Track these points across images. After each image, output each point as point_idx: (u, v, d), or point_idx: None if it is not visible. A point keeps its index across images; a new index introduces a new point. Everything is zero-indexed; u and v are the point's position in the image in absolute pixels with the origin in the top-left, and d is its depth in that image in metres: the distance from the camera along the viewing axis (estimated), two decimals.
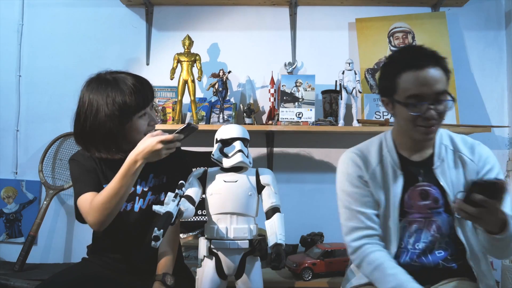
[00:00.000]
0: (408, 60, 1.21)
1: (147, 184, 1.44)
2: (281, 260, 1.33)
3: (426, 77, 1.18)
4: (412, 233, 1.29)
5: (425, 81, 1.17)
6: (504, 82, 2.31)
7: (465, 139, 1.34)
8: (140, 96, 1.32)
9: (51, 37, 2.38)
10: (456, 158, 1.29)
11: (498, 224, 1.09)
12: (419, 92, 1.18)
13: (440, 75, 1.19)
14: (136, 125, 1.34)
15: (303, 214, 2.23)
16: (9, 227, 2.29)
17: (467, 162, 1.28)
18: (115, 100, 1.29)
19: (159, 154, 1.27)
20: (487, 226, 1.12)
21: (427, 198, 1.28)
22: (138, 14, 2.39)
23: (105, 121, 1.29)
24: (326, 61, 2.31)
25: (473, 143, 1.32)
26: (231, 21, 2.37)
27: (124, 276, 1.40)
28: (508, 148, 2.28)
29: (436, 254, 1.27)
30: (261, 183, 1.44)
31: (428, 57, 1.20)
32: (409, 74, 1.19)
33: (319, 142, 2.30)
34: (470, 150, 1.30)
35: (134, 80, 1.34)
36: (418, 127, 1.22)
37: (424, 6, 2.34)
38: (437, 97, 1.19)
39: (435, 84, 1.18)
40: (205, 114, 2.19)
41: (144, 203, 1.42)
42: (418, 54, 1.23)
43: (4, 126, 2.35)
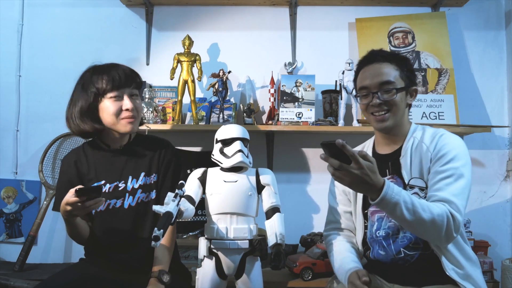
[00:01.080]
0: (362, 61, 1.42)
1: (138, 182, 1.45)
2: (281, 260, 1.34)
3: (369, 71, 1.36)
4: (374, 222, 1.37)
5: (369, 74, 1.36)
6: (504, 82, 2.31)
7: (436, 131, 1.36)
8: (110, 79, 1.41)
9: (51, 37, 2.38)
10: (418, 147, 1.34)
11: (374, 191, 1.11)
12: (364, 83, 1.37)
13: (385, 68, 1.34)
14: (104, 106, 1.41)
15: (303, 214, 2.23)
16: (9, 227, 2.29)
17: (423, 150, 1.32)
18: (90, 80, 1.44)
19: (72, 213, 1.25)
20: (362, 190, 1.20)
21: None
22: (138, 14, 2.39)
23: (79, 97, 1.45)
24: (326, 61, 2.31)
25: (438, 133, 1.35)
26: (231, 21, 2.37)
27: (120, 275, 1.40)
28: (508, 148, 2.28)
29: (399, 242, 1.32)
30: (261, 183, 1.45)
31: (375, 55, 1.38)
32: (361, 72, 1.40)
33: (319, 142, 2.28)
34: (431, 139, 1.33)
35: (113, 67, 1.47)
36: (371, 116, 1.37)
37: (424, 6, 2.34)
38: (381, 87, 1.33)
39: (378, 76, 1.34)
40: (205, 114, 2.19)
41: (133, 201, 1.43)
42: (369, 55, 1.41)
43: (4, 126, 2.35)
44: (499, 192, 2.26)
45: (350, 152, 1.06)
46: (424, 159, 1.31)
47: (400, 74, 1.35)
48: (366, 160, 1.09)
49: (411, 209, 1.13)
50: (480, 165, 2.26)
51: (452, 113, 2.11)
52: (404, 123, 1.39)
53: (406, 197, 1.14)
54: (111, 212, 1.42)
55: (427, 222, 1.14)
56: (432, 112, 2.11)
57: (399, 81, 1.34)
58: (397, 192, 1.12)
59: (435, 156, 1.29)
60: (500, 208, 2.26)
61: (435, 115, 2.10)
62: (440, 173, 1.25)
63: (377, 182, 1.10)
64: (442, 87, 2.17)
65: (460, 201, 1.20)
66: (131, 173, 1.45)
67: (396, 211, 1.13)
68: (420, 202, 1.16)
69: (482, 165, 2.26)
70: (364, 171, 1.08)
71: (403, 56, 1.44)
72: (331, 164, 1.10)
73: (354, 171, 1.07)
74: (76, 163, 1.47)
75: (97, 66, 1.51)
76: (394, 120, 1.35)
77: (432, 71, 2.20)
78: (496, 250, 2.20)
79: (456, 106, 2.13)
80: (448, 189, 1.21)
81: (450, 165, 1.24)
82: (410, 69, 1.39)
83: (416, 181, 1.31)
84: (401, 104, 1.34)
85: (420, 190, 1.30)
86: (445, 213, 1.16)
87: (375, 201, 1.12)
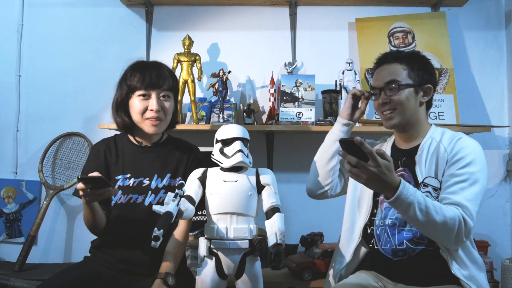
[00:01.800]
0: (375, 63, 1.47)
1: (162, 182, 1.48)
2: (281, 260, 1.33)
3: (380, 71, 1.42)
4: (382, 210, 1.39)
5: (378, 75, 1.42)
6: (504, 82, 2.31)
7: (455, 134, 1.37)
8: (141, 78, 1.44)
9: (51, 37, 2.38)
10: (436, 148, 1.34)
11: (390, 189, 1.13)
12: (374, 84, 1.43)
13: (393, 68, 1.38)
14: (133, 102, 1.45)
15: (303, 214, 2.23)
16: (9, 227, 2.29)
17: (441, 151, 1.32)
18: (127, 75, 1.48)
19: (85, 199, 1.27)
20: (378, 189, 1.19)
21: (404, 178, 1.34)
22: (138, 14, 2.39)
23: (117, 90, 1.50)
24: (326, 61, 2.31)
25: (456, 136, 1.35)
26: (231, 21, 2.37)
27: (124, 275, 1.40)
28: (508, 148, 2.28)
29: (404, 234, 1.33)
30: (261, 183, 1.44)
31: (387, 56, 1.42)
32: (375, 73, 1.45)
33: (319, 142, 2.28)
34: (449, 141, 1.34)
35: (151, 66, 1.51)
36: (381, 114, 1.42)
37: (424, 6, 2.34)
38: (386, 86, 1.37)
39: (386, 76, 1.38)
40: (205, 114, 2.19)
41: (154, 199, 1.46)
42: (382, 56, 1.45)
43: (4, 126, 2.35)
44: (499, 192, 2.26)
45: (368, 149, 1.08)
46: (441, 160, 1.31)
47: (408, 73, 1.36)
48: (383, 159, 1.10)
49: (424, 210, 1.14)
50: None
51: (452, 113, 2.11)
52: (420, 121, 1.40)
53: (421, 198, 1.15)
54: (131, 206, 1.43)
55: (439, 225, 1.15)
56: (432, 112, 2.10)
57: (405, 79, 1.36)
58: (412, 193, 1.14)
59: (451, 159, 1.29)
60: (500, 208, 2.26)
61: (435, 115, 2.10)
62: (455, 176, 1.25)
63: (393, 181, 1.12)
64: (442, 87, 2.17)
65: (473, 206, 1.21)
66: (157, 171, 1.48)
67: (410, 211, 1.14)
68: (434, 204, 1.17)
69: None
70: (381, 169, 1.09)
71: (417, 54, 1.43)
72: (349, 160, 1.12)
73: (372, 168, 1.09)
74: (105, 152, 1.49)
75: (139, 62, 1.55)
76: (401, 119, 1.37)
77: None
78: (496, 250, 2.20)
79: (456, 106, 2.13)
80: (462, 193, 1.22)
81: (466, 169, 1.25)
82: (423, 67, 1.39)
83: (430, 180, 1.31)
84: (407, 102, 1.35)
85: (433, 190, 1.30)
86: (457, 216, 1.17)
87: (389, 200, 1.14)
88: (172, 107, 1.50)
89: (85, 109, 2.32)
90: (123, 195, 1.44)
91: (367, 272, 1.40)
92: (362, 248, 1.43)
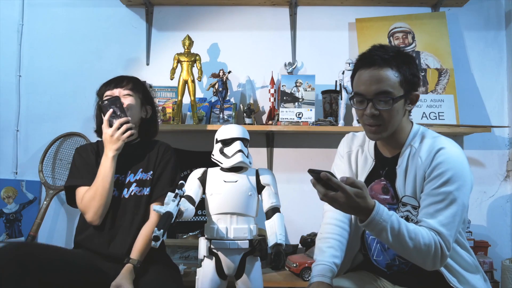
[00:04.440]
0: (360, 61, 1.28)
1: (134, 177, 1.56)
2: (281, 260, 1.33)
3: (367, 75, 1.23)
4: None
5: (365, 80, 1.23)
6: (504, 82, 2.31)
7: (434, 143, 1.25)
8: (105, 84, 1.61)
9: (51, 37, 2.38)
10: (414, 160, 1.25)
11: (364, 213, 1.10)
12: (360, 90, 1.24)
13: (384, 75, 1.21)
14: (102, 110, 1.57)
15: (303, 214, 2.23)
16: (9, 227, 2.29)
17: (418, 165, 1.24)
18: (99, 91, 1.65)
19: (114, 139, 1.47)
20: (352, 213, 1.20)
21: (388, 193, 1.31)
22: (138, 14, 2.39)
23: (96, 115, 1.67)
24: (326, 61, 2.31)
25: (435, 146, 1.23)
26: (231, 21, 2.37)
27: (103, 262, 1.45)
28: (508, 148, 2.28)
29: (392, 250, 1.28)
30: (261, 183, 1.45)
31: (375, 58, 1.22)
32: (358, 73, 1.26)
33: (319, 142, 2.30)
34: (428, 152, 1.23)
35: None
36: (365, 126, 1.28)
37: (424, 6, 2.34)
38: (377, 96, 1.21)
39: (375, 83, 1.21)
40: (205, 114, 2.19)
41: (127, 193, 1.54)
42: (368, 55, 1.25)
43: (4, 126, 2.35)
44: (499, 192, 2.26)
45: (335, 184, 1.05)
46: (418, 176, 1.23)
47: (400, 81, 1.22)
48: (354, 187, 1.06)
49: (396, 236, 1.10)
50: (480, 165, 2.26)
51: (452, 113, 2.11)
52: (403, 128, 1.29)
53: (395, 222, 1.11)
54: (112, 201, 1.51)
55: (412, 250, 1.12)
56: (432, 112, 2.11)
57: (397, 90, 1.21)
58: (386, 218, 1.09)
59: (429, 175, 1.21)
60: (500, 208, 2.26)
61: (435, 115, 2.10)
62: (431, 196, 1.19)
63: (366, 207, 1.08)
64: (442, 87, 2.17)
65: (449, 231, 1.15)
66: (130, 168, 1.58)
67: (382, 235, 1.11)
68: (409, 229, 1.12)
69: (482, 165, 2.26)
70: (351, 199, 1.06)
71: (408, 55, 1.28)
72: (318, 191, 1.10)
73: (341, 199, 1.06)
74: (92, 152, 1.61)
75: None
76: (388, 133, 1.26)
77: (432, 71, 2.20)
78: (496, 250, 2.20)
79: (456, 106, 2.13)
80: (438, 217, 1.16)
81: (443, 189, 1.17)
82: (413, 72, 1.25)
83: (409, 200, 1.26)
84: (397, 115, 1.24)
85: (412, 209, 1.25)
86: (433, 242, 1.12)
87: (362, 224, 1.11)
88: (134, 104, 1.60)
89: (85, 109, 2.32)
90: None
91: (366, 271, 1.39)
92: (358, 255, 1.40)
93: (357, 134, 1.47)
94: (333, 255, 1.30)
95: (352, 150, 1.43)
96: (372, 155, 1.37)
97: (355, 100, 1.27)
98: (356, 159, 1.41)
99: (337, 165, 1.47)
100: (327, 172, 1.07)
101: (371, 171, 1.35)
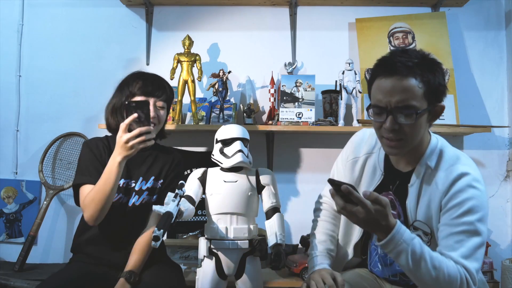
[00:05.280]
0: (380, 67, 1.16)
1: (146, 184, 1.51)
2: (281, 260, 1.34)
3: (388, 85, 1.11)
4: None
5: (386, 90, 1.11)
6: (504, 82, 2.31)
7: (452, 166, 1.15)
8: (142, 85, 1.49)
9: (51, 37, 2.38)
10: (430, 182, 1.16)
11: (383, 232, 1.04)
12: (379, 101, 1.13)
13: (407, 85, 1.09)
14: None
15: (303, 214, 2.22)
16: (9, 227, 2.29)
17: (433, 189, 1.15)
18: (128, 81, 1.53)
19: (128, 146, 1.33)
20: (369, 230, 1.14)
21: (394, 208, 1.24)
22: (138, 14, 2.39)
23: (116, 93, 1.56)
24: (326, 61, 2.31)
25: (454, 170, 1.13)
26: (231, 21, 2.37)
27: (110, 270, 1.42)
28: (508, 148, 2.28)
29: (397, 266, 1.23)
30: (261, 183, 1.45)
31: (398, 66, 1.10)
32: (378, 81, 1.14)
33: (319, 142, 2.30)
34: (445, 177, 1.14)
35: (152, 76, 1.56)
36: (383, 139, 1.18)
37: (424, 6, 2.34)
38: (399, 110, 1.10)
39: (398, 95, 1.09)
40: (205, 114, 2.19)
41: (138, 200, 1.49)
42: (390, 62, 1.13)
43: (4, 126, 2.35)
44: (499, 192, 2.26)
45: (356, 198, 1.00)
46: (433, 204, 1.14)
47: (425, 93, 1.10)
48: (376, 204, 1.00)
49: (417, 261, 1.03)
50: (480, 165, 2.26)
51: (452, 113, 2.11)
52: (421, 141, 1.19)
53: (417, 247, 1.03)
54: (118, 206, 1.46)
55: (434, 281, 1.03)
56: None
57: (422, 103, 1.10)
58: (407, 239, 1.03)
59: (446, 203, 1.11)
60: (500, 208, 2.26)
61: None
62: (451, 227, 1.09)
63: (387, 225, 1.02)
64: None
65: (473, 263, 1.06)
66: (142, 174, 1.52)
67: (401, 258, 1.04)
68: (432, 256, 1.04)
69: (482, 165, 2.26)
70: (371, 215, 1.00)
71: (433, 62, 1.14)
72: (336, 203, 1.04)
73: (360, 215, 1.00)
74: (104, 150, 1.52)
75: (141, 72, 1.59)
76: (408, 147, 1.16)
77: None
78: (496, 250, 2.20)
79: (456, 106, 2.13)
80: (460, 249, 1.07)
81: (463, 219, 1.08)
82: (439, 81, 1.12)
83: (420, 225, 1.18)
84: (420, 130, 1.13)
85: (424, 235, 1.17)
86: (459, 276, 1.04)
87: (380, 242, 1.05)
88: (164, 117, 1.56)
89: (85, 109, 2.32)
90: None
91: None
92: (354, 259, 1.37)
93: (366, 138, 1.35)
94: (327, 248, 1.32)
95: (358, 157, 1.33)
96: (382, 168, 1.27)
97: (372, 111, 1.15)
98: (361, 169, 1.32)
99: (338, 168, 1.41)
100: (348, 185, 1.01)
101: (379, 184, 1.27)
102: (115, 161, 1.34)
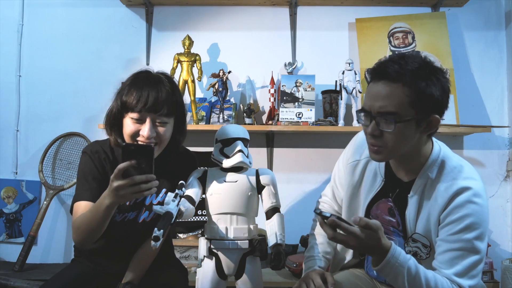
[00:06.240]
0: (374, 70, 1.13)
1: (157, 198, 1.41)
2: (281, 260, 1.33)
3: (375, 90, 1.09)
4: None
5: (372, 95, 1.10)
6: (504, 82, 2.31)
7: (454, 176, 1.12)
8: (137, 98, 1.26)
9: (51, 37, 2.38)
10: (431, 196, 1.14)
11: (379, 255, 1.03)
12: (365, 104, 1.12)
13: (393, 91, 1.05)
14: (125, 122, 1.30)
15: (303, 214, 2.23)
16: (9, 227, 2.29)
17: (432, 202, 1.13)
18: (124, 90, 1.30)
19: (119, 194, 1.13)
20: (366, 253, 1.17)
21: (394, 216, 1.23)
22: (138, 14, 2.39)
23: (114, 100, 1.32)
24: (326, 61, 2.31)
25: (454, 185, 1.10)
26: (231, 21, 2.37)
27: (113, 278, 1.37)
28: (508, 148, 2.28)
29: None
30: (261, 183, 1.44)
31: (388, 70, 1.07)
32: (370, 85, 1.13)
33: (319, 142, 2.30)
34: (444, 191, 1.11)
35: (151, 85, 1.28)
36: (368, 143, 1.16)
37: (424, 6, 2.34)
38: (381, 115, 1.07)
39: (381, 100, 1.07)
40: (205, 114, 2.19)
41: (148, 216, 1.39)
42: (382, 66, 1.10)
43: (4, 126, 2.35)
44: (499, 192, 2.26)
45: (345, 229, 1.00)
46: (432, 217, 1.12)
47: (412, 102, 1.05)
48: (367, 229, 0.99)
49: (412, 280, 1.03)
50: (480, 165, 2.26)
51: (452, 113, 2.11)
52: (420, 153, 1.15)
53: (412, 267, 1.03)
54: (124, 224, 1.37)
55: None
56: None
57: (406, 111, 1.05)
58: (402, 262, 1.02)
59: (444, 218, 1.09)
60: (500, 208, 2.26)
61: None
62: (448, 243, 1.07)
63: (381, 248, 1.01)
64: None
65: (468, 281, 1.05)
66: None
67: (398, 280, 1.04)
68: (428, 277, 1.04)
69: (482, 165, 2.26)
70: (363, 242, 1.00)
71: (432, 71, 1.08)
72: (326, 232, 1.04)
73: (351, 242, 1.01)
74: (105, 161, 1.36)
75: (141, 75, 1.33)
76: (390, 156, 1.15)
77: None
78: (496, 250, 2.20)
79: (456, 106, 2.13)
80: (455, 267, 1.05)
81: (461, 236, 1.06)
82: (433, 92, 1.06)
83: (419, 237, 1.16)
84: (403, 140, 1.09)
85: (423, 247, 1.16)
86: None
87: (376, 267, 1.04)
88: (168, 133, 1.33)
89: (85, 109, 2.32)
90: (118, 213, 1.35)
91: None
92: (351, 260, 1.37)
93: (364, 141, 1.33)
94: (324, 251, 1.33)
95: (359, 160, 1.30)
96: (382, 174, 1.25)
97: (361, 115, 1.14)
98: (362, 173, 1.29)
99: (339, 169, 1.40)
100: (335, 216, 1.01)
101: (379, 191, 1.25)
102: (104, 203, 1.16)
